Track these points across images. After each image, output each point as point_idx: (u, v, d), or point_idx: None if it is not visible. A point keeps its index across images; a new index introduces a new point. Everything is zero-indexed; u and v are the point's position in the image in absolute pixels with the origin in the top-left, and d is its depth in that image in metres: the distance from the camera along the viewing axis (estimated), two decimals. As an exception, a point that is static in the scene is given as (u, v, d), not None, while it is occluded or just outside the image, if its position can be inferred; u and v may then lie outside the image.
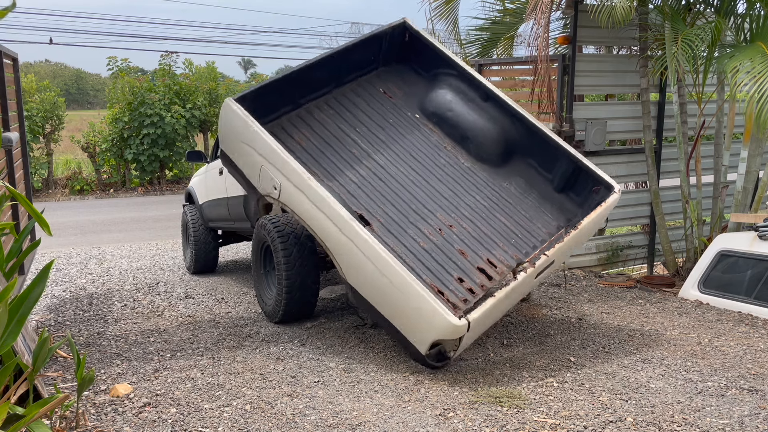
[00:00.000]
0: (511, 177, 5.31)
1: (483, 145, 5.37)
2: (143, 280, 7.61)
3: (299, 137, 5.30)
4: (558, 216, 5.10)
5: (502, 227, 4.96)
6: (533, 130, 5.28)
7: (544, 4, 6.17)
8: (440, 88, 5.61)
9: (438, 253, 4.73)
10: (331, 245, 4.61)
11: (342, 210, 4.41)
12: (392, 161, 5.23)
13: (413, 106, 5.63)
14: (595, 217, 4.80)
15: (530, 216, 5.07)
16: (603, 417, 3.69)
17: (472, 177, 5.25)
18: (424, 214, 4.94)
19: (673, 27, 6.41)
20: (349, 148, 5.27)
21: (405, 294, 4.18)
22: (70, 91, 50.84)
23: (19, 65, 6.10)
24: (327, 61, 5.44)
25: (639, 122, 7.28)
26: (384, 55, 5.76)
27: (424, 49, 5.68)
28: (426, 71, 5.78)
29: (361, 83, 5.71)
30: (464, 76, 5.51)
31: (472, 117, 5.41)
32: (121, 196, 16.54)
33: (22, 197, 3.05)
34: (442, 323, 4.03)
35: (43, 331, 3.40)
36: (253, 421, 3.70)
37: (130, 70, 17.57)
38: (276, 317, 5.63)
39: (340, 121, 5.45)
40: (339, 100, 5.58)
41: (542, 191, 5.24)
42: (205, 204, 7.76)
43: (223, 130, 5.29)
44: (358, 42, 5.62)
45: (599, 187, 4.99)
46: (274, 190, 4.89)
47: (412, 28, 5.65)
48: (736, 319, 5.61)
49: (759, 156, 6.71)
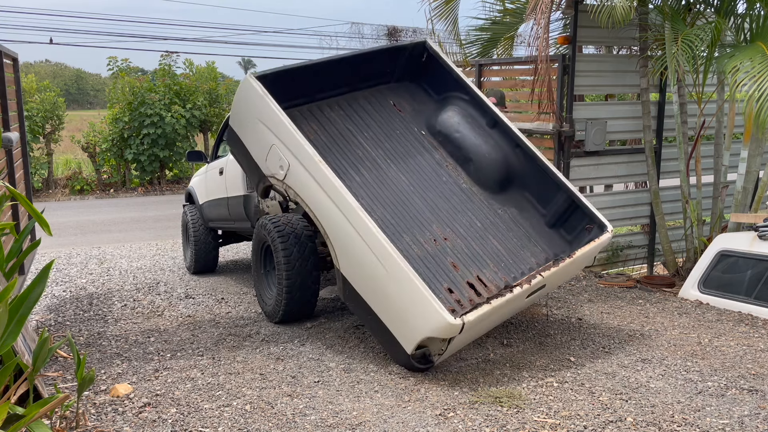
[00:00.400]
0: (506, 205, 5.34)
1: (483, 169, 5.40)
2: (143, 280, 7.61)
3: (308, 129, 5.37)
4: (547, 249, 5.15)
5: (494, 250, 5.00)
6: (535, 161, 5.31)
7: (544, 4, 6.17)
8: (449, 110, 5.66)
9: (431, 262, 4.75)
10: (330, 231, 4.66)
11: (349, 196, 4.45)
12: (395, 169, 5.28)
13: (420, 123, 5.69)
14: (590, 250, 4.86)
15: (521, 244, 5.11)
16: (603, 417, 3.69)
17: (470, 198, 5.29)
18: (420, 224, 4.97)
19: (673, 27, 6.41)
20: (355, 150, 5.33)
21: (401, 285, 4.18)
22: (70, 91, 50.87)
23: (19, 65, 6.10)
24: (347, 62, 5.59)
25: (639, 122, 7.28)
26: (400, 70, 5.86)
27: (439, 70, 5.74)
28: (437, 93, 5.84)
29: (373, 92, 5.80)
30: (475, 101, 5.57)
31: (476, 141, 5.45)
32: (121, 196, 16.54)
33: (22, 197, 3.05)
34: (437, 319, 4.01)
35: (43, 331, 3.40)
36: (253, 421, 3.70)
37: (130, 70, 17.57)
38: (276, 317, 5.63)
39: (349, 123, 5.52)
40: (350, 104, 5.66)
41: (534, 224, 5.28)
42: (205, 204, 7.76)
43: (238, 105, 5.38)
44: (378, 51, 5.80)
45: (592, 226, 5.04)
46: (280, 171, 4.97)
47: (432, 49, 5.73)
48: (736, 319, 5.61)
49: (759, 156, 6.71)
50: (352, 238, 4.46)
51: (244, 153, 5.51)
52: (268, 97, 4.93)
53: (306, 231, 5.56)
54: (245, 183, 6.59)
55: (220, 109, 17.91)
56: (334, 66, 5.53)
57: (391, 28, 26.31)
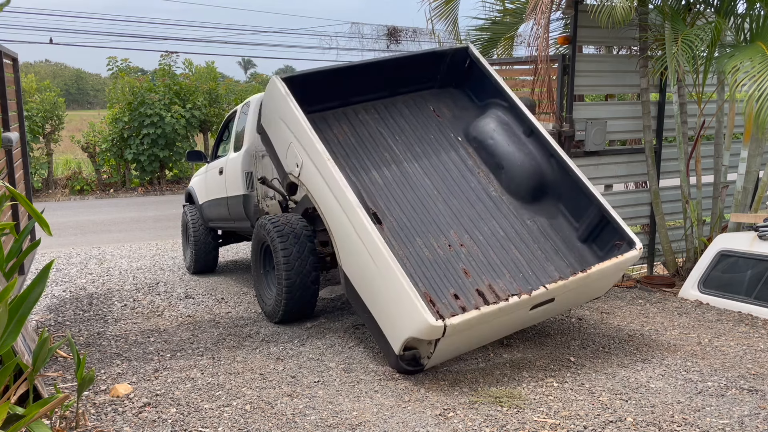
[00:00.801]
0: (536, 215, 5.20)
1: (515, 178, 5.29)
2: (143, 280, 7.61)
3: (338, 131, 5.44)
4: (575, 264, 4.93)
5: (515, 259, 4.87)
6: (569, 173, 5.16)
7: (544, 4, 6.17)
8: (487, 117, 5.63)
9: (441, 266, 4.71)
10: (334, 227, 4.72)
11: (350, 193, 4.47)
12: (421, 173, 5.27)
13: (458, 129, 5.66)
14: (609, 267, 4.62)
15: (547, 257, 4.93)
16: (603, 417, 3.69)
17: (498, 206, 5.19)
18: (438, 228, 4.93)
19: (673, 27, 6.41)
20: (383, 151, 5.36)
21: (388, 283, 4.19)
22: (70, 91, 50.88)
23: (19, 65, 6.10)
24: (385, 65, 5.65)
25: (639, 122, 7.28)
26: (443, 76, 5.87)
27: (480, 77, 5.73)
28: (480, 100, 5.81)
29: (414, 97, 5.83)
30: (513, 108, 5.51)
31: (510, 149, 5.37)
32: (121, 196, 16.54)
33: (22, 197, 3.05)
34: (418, 319, 3.98)
35: (43, 331, 3.40)
36: (253, 421, 3.70)
37: (130, 70, 17.57)
38: (276, 317, 5.63)
39: (381, 126, 5.55)
40: (387, 108, 5.70)
41: (565, 237, 5.10)
42: (205, 204, 7.76)
43: (265, 104, 5.52)
44: (417, 55, 5.88)
45: (621, 242, 4.82)
46: (296, 168, 5.06)
47: (474, 55, 5.73)
48: (736, 319, 5.61)
49: (759, 156, 6.70)
50: (350, 234, 4.50)
51: (272, 150, 5.64)
52: (290, 96, 5.01)
53: (305, 231, 5.57)
54: (245, 183, 6.59)
55: (219, 109, 17.92)
56: (371, 69, 5.60)
57: (391, 28, 26.33)
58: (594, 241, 5.05)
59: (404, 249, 4.72)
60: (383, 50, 26.39)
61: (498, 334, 4.69)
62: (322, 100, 5.45)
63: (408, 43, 26.30)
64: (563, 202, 5.25)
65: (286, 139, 5.15)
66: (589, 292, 4.93)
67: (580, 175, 5.12)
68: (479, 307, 4.17)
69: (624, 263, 4.71)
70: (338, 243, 4.71)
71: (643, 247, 4.82)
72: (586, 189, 5.07)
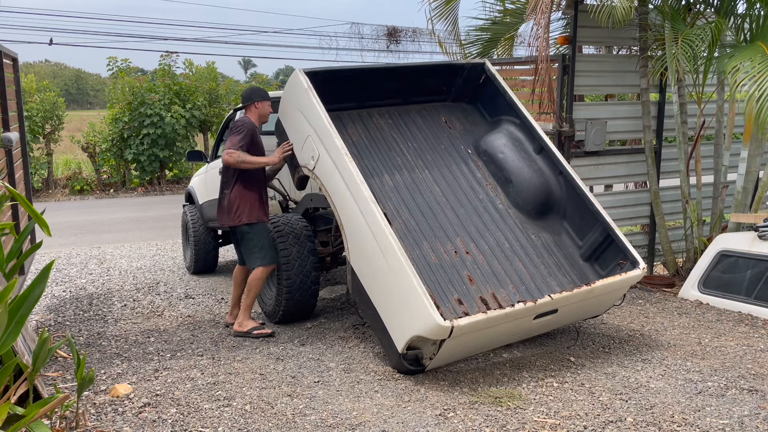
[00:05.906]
0: (541, 231, 5.25)
1: (523, 192, 5.33)
2: (143, 280, 7.61)
3: (352, 131, 5.46)
4: (577, 280, 4.98)
5: (518, 271, 4.91)
6: (577, 191, 5.22)
7: (544, 4, 6.17)
8: (498, 132, 5.65)
9: (446, 271, 4.73)
10: (346, 222, 4.72)
11: (365, 188, 4.48)
12: (431, 180, 5.30)
13: (468, 142, 5.70)
14: (613, 283, 4.69)
15: (549, 272, 4.98)
16: (603, 417, 3.69)
17: (505, 218, 5.24)
18: (445, 234, 4.95)
19: (673, 27, 6.41)
20: (395, 156, 5.38)
21: (398, 280, 4.19)
22: (70, 91, 50.90)
23: (19, 65, 6.10)
24: (401, 72, 5.71)
25: (639, 122, 7.28)
26: (457, 90, 5.92)
27: (494, 93, 5.75)
28: (491, 116, 5.85)
29: (427, 107, 5.87)
30: (525, 125, 5.55)
31: (519, 164, 5.41)
32: (121, 196, 16.54)
33: (22, 197, 3.05)
34: (426, 318, 3.99)
35: (43, 331, 3.40)
36: (253, 421, 3.70)
37: (130, 70, 17.56)
38: (276, 317, 5.63)
39: (394, 131, 5.58)
40: (400, 114, 5.74)
41: (568, 255, 5.16)
42: (205, 204, 7.76)
43: (285, 97, 5.51)
44: (433, 66, 5.98)
45: (625, 262, 4.89)
46: (311, 161, 5.05)
47: (490, 71, 5.76)
48: (736, 319, 5.61)
49: (759, 156, 6.70)
50: (361, 228, 4.50)
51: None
52: (312, 90, 5.01)
53: (305, 231, 5.57)
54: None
55: (219, 109, 17.92)
56: (388, 75, 5.65)
57: (391, 28, 26.33)
58: (596, 260, 5.13)
59: (411, 252, 4.73)
60: (383, 50, 26.41)
61: (500, 341, 4.71)
62: (340, 100, 5.48)
63: (408, 43, 26.31)
64: (568, 220, 5.32)
65: (304, 131, 5.15)
66: (591, 308, 4.97)
67: (587, 193, 5.19)
68: (487, 311, 4.18)
69: (627, 281, 4.79)
70: (349, 237, 4.72)
71: (645, 267, 4.88)
72: (592, 207, 5.11)
